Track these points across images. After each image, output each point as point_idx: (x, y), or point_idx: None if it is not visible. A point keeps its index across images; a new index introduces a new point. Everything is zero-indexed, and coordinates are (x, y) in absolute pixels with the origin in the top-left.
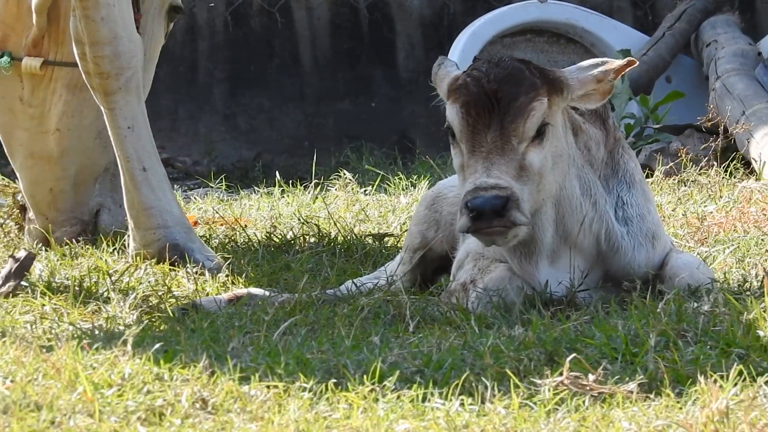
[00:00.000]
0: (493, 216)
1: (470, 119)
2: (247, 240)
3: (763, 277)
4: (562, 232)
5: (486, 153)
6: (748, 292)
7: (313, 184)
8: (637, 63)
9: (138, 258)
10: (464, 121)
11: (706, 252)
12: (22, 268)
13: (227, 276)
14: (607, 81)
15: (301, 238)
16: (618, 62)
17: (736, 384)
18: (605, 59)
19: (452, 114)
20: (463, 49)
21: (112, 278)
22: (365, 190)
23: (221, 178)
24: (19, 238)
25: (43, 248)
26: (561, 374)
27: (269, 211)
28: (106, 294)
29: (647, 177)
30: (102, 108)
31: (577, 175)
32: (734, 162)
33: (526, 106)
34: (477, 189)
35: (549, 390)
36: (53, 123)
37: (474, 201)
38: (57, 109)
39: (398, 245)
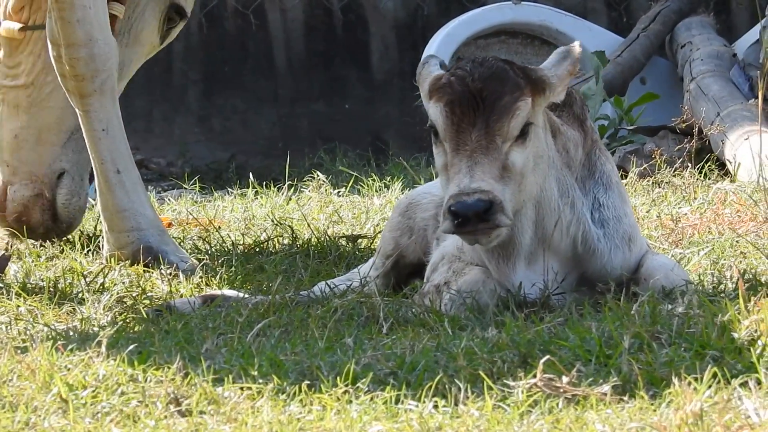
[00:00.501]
0: (477, 220)
1: (455, 118)
2: (221, 241)
3: (738, 279)
4: (540, 234)
5: (470, 152)
6: (722, 294)
7: (286, 185)
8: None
9: (112, 259)
10: (449, 119)
11: (680, 254)
12: None
13: (201, 277)
14: (574, 71)
15: (275, 239)
16: (576, 48)
17: (710, 386)
18: (565, 48)
19: (436, 113)
20: (437, 50)
21: (87, 279)
22: (339, 192)
23: (195, 180)
24: None
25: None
26: (534, 376)
27: (243, 212)
28: (80, 295)
29: (621, 178)
30: (77, 110)
31: (555, 177)
32: (709, 163)
33: (511, 105)
34: (460, 194)
35: (522, 392)
36: (29, 78)
37: (457, 206)
38: (35, 66)
39: (372, 247)
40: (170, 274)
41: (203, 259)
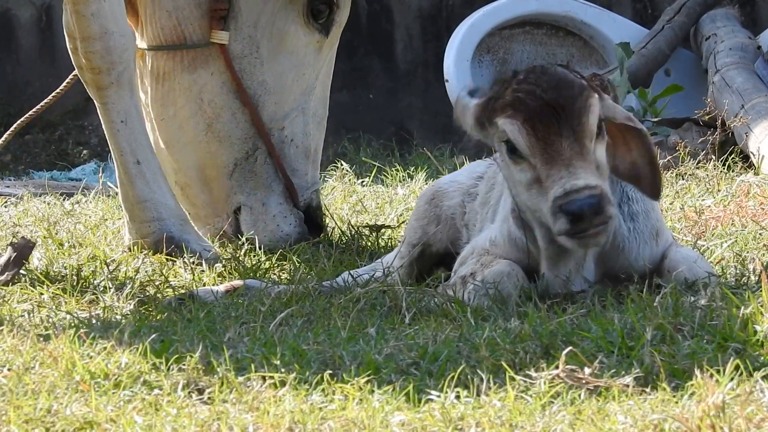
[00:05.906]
0: (593, 215)
1: (539, 133)
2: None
3: (761, 272)
4: None
5: (567, 160)
6: (745, 287)
7: None
8: None
9: (135, 248)
10: (532, 135)
11: (703, 246)
12: (21, 256)
13: (224, 266)
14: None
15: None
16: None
17: (732, 378)
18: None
19: (514, 131)
20: (462, 41)
21: (110, 268)
22: (362, 182)
23: None
24: None
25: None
26: (557, 367)
27: None
28: (103, 283)
29: None
30: (95, 102)
31: None
32: (732, 156)
33: (585, 104)
34: (569, 193)
35: (545, 383)
36: (152, 113)
37: (571, 206)
38: (148, 98)
39: (395, 237)
40: (193, 262)
41: (226, 247)
